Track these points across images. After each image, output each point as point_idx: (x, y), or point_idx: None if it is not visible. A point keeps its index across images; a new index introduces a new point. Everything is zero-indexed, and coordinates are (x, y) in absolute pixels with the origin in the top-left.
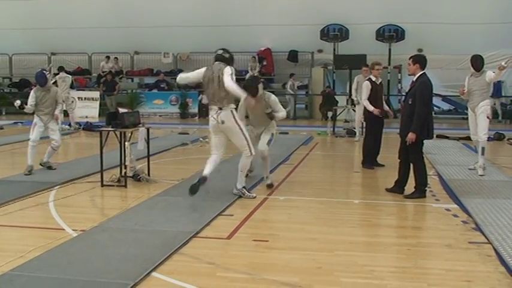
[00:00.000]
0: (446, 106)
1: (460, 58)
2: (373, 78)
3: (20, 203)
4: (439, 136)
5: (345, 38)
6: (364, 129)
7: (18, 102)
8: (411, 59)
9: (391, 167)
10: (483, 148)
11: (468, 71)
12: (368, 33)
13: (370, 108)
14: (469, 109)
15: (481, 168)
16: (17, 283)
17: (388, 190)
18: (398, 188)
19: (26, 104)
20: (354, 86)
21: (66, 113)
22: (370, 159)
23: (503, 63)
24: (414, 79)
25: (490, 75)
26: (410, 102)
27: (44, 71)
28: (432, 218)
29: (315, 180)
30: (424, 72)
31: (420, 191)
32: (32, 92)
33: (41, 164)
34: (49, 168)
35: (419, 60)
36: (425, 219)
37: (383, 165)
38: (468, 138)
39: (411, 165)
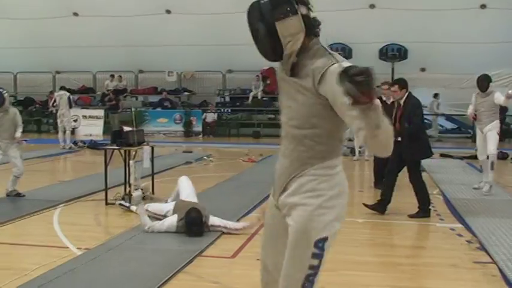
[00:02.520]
0: (449, 125)
1: (463, 77)
2: (384, 98)
3: (24, 221)
4: (443, 155)
5: (348, 57)
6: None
7: None
8: (397, 85)
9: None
10: (492, 163)
11: (472, 90)
12: (371, 52)
13: None
14: (477, 128)
15: (488, 185)
16: None
17: (367, 206)
18: (380, 206)
19: None
20: None
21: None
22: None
23: (510, 92)
24: (402, 102)
25: (499, 98)
26: (407, 125)
27: (1, 90)
28: (436, 238)
29: None
30: (409, 91)
31: (424, 211)
32: None
33: (7, 195)
34: (17, 196)
35: (405, 84)
36: (429, 239)
37: None
38: (472, 157)
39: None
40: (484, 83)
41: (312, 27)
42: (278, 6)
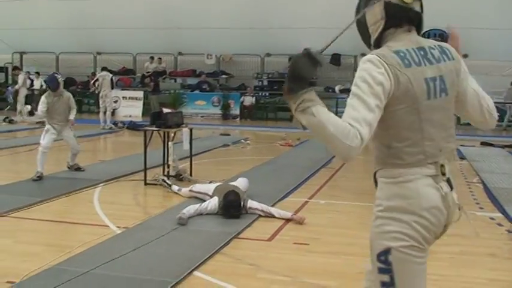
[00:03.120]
0: None
1: (505, 64)
2: None
3: (65, 199)
4: (483, 143)
5: None
6: None
7: (28, 107)
8: None
9: None
10: None
11: None
12: None
13: None
14: None
15: None
16: (62, 278)
17: None
18: None
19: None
20: None
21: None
22: None
23: None
24: None
25: None
26: None
27: (56, 74)
28: (476, 226)
29: (356, 184)
30: None
31: None
32: (42, 97)
33: (68, 167)
34: (77, 170)
35: None
36: (468, 227)
37: None
38: None
39: None
40: None
41: (393, 16)
42: None
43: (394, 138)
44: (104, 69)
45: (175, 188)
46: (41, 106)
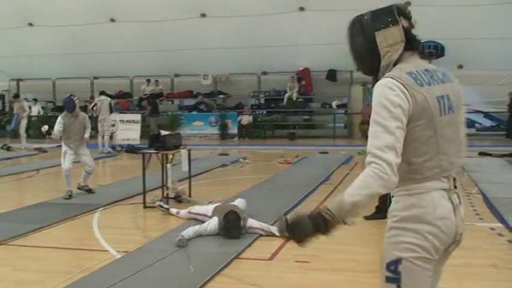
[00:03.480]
0: (488, 123)
1: (500, 74)
2: None
3: (64, 225)
4: (481, 153)
5: None
6: None
7: (45, 127)
8: None
9: None
10: None
11: (509, 87)
12: None
13: None
14: None
15: None
16: None
17: (367, 218)
18: (379, 213)
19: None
20: None
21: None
22: None
23: None
24: None
25: None
26: None
27: (72, 97)
28: (476, 238)
29: None
30: None
31: (382, 212)
32: (59, 118)
33: (78, 188)
34: (89, 192)
35: None
36: (469, 239)
37: None
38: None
39: None
40: None
41: (411, 40)
42: (379, 17)
43: (413, 154)
44: (102, 93)
45: (173, 210)
46: (58, 126)
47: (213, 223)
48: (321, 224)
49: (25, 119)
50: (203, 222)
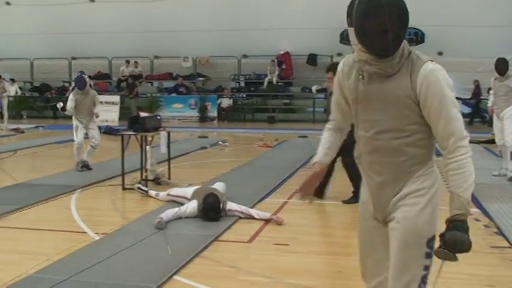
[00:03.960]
0: (466, 109)
1: (480, 61)
2: None
3: (42, 206)
4: None
5: None
6: None
7: (60, 104)
8: None
9: None
10: (511, 153)
11: (488, 74)
12: None
13: None
14: (494, 114)
15: (510, 174)
16: (40, 286)
17: (345, 202)
18: (355, 198)
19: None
20: None
21: None
22: None
23: None
24: None
25: None
26: None
27: (83, 75)
28: None
29: (335, 184)
30: None
31: (357, 196)
32: (71, 95)
33: (77, 163)
34: (87, 168)
35: None
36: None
37: None
38: (489, 141)
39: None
40: (502, 66)
41: None
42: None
43: (432, 134)
44: (81, 72)
45: (152, 193)
46: (70, 103)
47: (192, 205)
48: (467, 227)
49: (5, 99)
50: (182, 204)
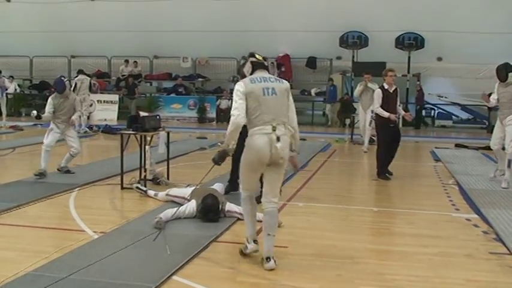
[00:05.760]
0: (465, 115)
1: (479, 67)
2: (386, 86)
3: (40, 204)
4: (458, 145)
5: (364, 46)
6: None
7: (34, 113)
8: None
9: (406, 177)
10: (510, 161)
11: (488, 80)
12: (387, 40)
13: (385, 114)
14: (498, 119)
15: (506, 182)
16: (38, 284)
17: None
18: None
19: (43, 114)
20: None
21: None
22: (384, 170)
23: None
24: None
25: None
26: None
27: (63, 78)
28: (452, 228)
29: (334, 187)
30: None
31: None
32: (49, 99)
33: (58, 170)
34: (67, 173)
35: None
36: (445, 229)
37: (391, 174)
38: (488, 148)
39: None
40: (502, 72)
41: (257, 65)
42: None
43: (248, 113)
44: (80, 72)
45: (151, 193)
46: (48, 107)
47: (191, 206)
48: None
49: (4, 95)
50: (181, 205)
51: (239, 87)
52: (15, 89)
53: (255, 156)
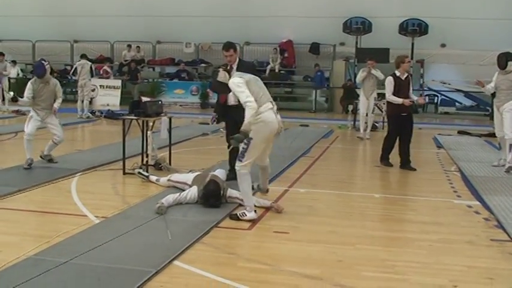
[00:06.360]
0: (468, 102)
1: (483, 54)
2: (398, 73)
3: (42, 189)
4: (460, 132)
5: (367, 31)
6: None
7: (10, 94)
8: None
9: (415, 164)
10: (511, 146)
11: (491, 67)
12: (391, 26)
13: (399, 100)
14: (494, 106)
15: (508, 166)
16: (40, 268)
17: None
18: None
19: (21, 97)
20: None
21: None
22: (387, 156)
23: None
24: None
25: None
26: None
27: (43, 61)
28: (453, 215)
29: (336, 173)
30: None
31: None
32: (28, 84)
33: (41, 157)
34: (50, 162)
35: None
36: (446, 216)
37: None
38: (490, 135)
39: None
40: (502, 60)
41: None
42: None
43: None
44: (82, 56)
45: (153, 178)
46: (27, 92)
47: (192, 191)
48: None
49: (6, 79)
50: (183, 190)
51: (239, 79)
52: (18, 74)
53: (271, 128)
